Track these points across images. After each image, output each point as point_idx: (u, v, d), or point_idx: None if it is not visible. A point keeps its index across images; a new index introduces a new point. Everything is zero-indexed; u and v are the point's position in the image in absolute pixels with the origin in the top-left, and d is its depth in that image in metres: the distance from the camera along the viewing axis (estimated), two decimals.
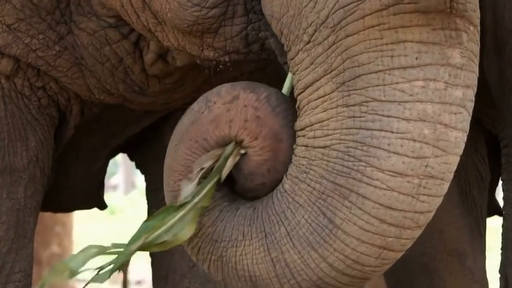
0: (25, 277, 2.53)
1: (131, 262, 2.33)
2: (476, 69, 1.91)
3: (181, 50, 2.26)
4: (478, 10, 1.93)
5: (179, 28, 2.17)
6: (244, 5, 2.11)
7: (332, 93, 1.89)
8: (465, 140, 1.91)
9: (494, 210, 3.38)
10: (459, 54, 1.87)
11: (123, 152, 2.99)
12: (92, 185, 2.89)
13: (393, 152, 1.85)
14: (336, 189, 1.88)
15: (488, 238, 3.18)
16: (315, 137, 1.92)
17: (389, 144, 1.85)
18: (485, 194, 3.10)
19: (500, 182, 2.73)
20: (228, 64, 2.22)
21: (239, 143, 1.97)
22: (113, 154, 2.94)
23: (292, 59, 1.96)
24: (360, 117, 1.87)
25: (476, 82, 1.92)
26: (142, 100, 2.57)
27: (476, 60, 1.91)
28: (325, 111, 1.90)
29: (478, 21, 1.93)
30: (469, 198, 3.04)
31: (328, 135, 1.90)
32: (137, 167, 2.98)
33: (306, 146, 1.93)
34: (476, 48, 1.91)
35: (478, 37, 1.93)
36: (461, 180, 3.03)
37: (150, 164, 2.88)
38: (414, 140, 1.85)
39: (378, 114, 1.86)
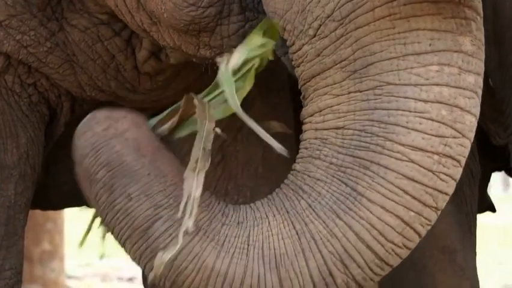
0: (15, 274, 2.53)
1: (123, 259, 2.33)
2: (483, 58, 1.94)
3: (177, 50, 2.26)
4: (481, 2, 1.96)
5: (175, 28, 2.17)
6: (240, 3, 2.11)
7: (342, 81, 1.91)
8: (475, 127, 1.94)
9: (486, 206, 3.39)
10: (469, 42, 1.91)
11: None
12: None
13: (412, 129, 1.87)
14: (355, 161, 1.88)
15: (479, 235, 3.19)
16: (324, 121, 1.92)
17: (407, 122, 1.87)
18: (475, 190, 3.11)
19: (491, 178, 2.74)
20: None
21: None
22: None
23: (295, 52, 1.96)
24: (375, 99, 1.88)
25: (483, 71, 1.95)
26: (133, 97, 2.57)
27: (483, 50, 1.94)
28: (335, 97, 1.91)
29: (482, 12, 1.96)
30: (460, 195, 3.05)
31: (340, 117, 1.91)
32: None
33: (316, 129, 1.94)
34: (482, 37, 1.94)
35: (483, 28, 1.96)
36: None
37: None
38: (433, 120, 1.87)
39: (394, 95, 1.88)
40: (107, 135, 1.95)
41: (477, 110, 1.93)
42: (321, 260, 1.88)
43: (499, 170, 3.50)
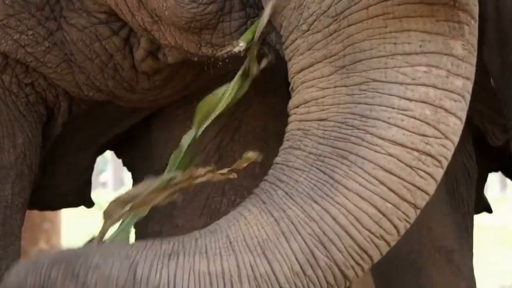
0: None
1: None
2: (475, 62, 1.94)
3: (178, 48, 2.26)
4: (477, 5, 1.95)
5: (177, 26, 2.17)
6: (241, 1, 2.11)
7: (330, 75, 1.92)
8: (461, 131, 1.94)
9: (483, 207, 3.39)
10: (461, 46, 1.91)
11: (111, 149, 2.99)
12: (79, 182, 2.89)
13: (394, 125, 1.88)
14: (334, 151, 1.90)
15: (476, 235, 3.19)
16: (309, 112, 1.94)
17: (389, 118, 1.88)
18: (472, 191, 3.12)
19: (489, 179, 2.74)
20: (227, 60, 2.23)
21: None
22: (101, 151, 2.94)
23: (288, 47, 1.98)
24: (359, 94, 1.90)
25: (473, 77, 1.95)
26: (131, 97, 2.57)
27: (475, 54, 1.94)
28: (321, 90, 1.93)
29: (477, 16, 1.96)
30: (457, 195, 3.06)
31: (324, 109, 1.93)
32: (125, 164, 2.98)
33: (300, 120, 1.95)
34: (475, 42, 1.94)
35: (477, 32, 1.96)
36: (448, 178, 3.04)
37: (137, 161, 2.88)
38: (415, 118, 1.88)
39: (378, 92, 1.89)
40: None
41: (463, 114, 1.93)
42: (302, 241, 1.90)
43: (496, 170, 3.51)
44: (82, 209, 3.09)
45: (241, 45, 2.07)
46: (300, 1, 1.95)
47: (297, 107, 1.96)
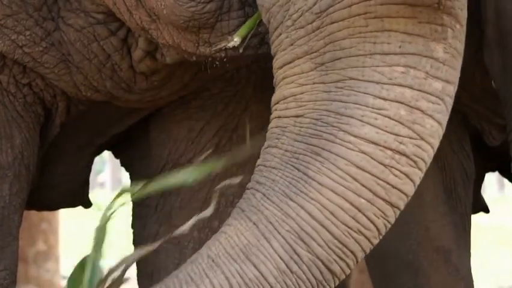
0: (10, 275, 2.53)
1: (118, 259, 2.34)
2: (458, 67, 1.94)
3: (176, 47, 2.26)
4: (466, 10, 1.95)
5: (175, 24, 2.16)
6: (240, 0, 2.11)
7: (309, 71, 1.93)
8: (440, 135, 1.94)
9: (480, 207, 3.39)
10: (442, 49, 1.90)
11: (109, 149, 2.99)
12: (77, 183, 2.89)
13: (367, 123, 1.89)
14: (308, 148, 1.92)
15: (474, 235, 3.19)
16: (287, 108, 1.96)
17: (362, 116, 1.89)
18: (470, 191, 3.12)
19: (486, 179, 2.74)
20: (225, 60, 2.23)
21: None
22: (99, 151, 2.94)
23: (273, 42, 1.99)
24: (335, 91, 1.91)
25: (457, 80, 1.94)
26: (129, 97, 2.57)
27: (459, 59, 1.94)
28: (300, 86, 1.94)
29: (464, 21, 1.95)
30: (454, 196, 3.06)
31: (301, 106, 1.94)
32: (122, 164, 2.98)
33: (279, 117, 1.97)
34: (460, 46, 1.94)
35: (463, 36, 1.95)
36: (446, 178, 3.04)
37: (135, 161, 2.88)
38: (390, 118, 1.89)
39: (354, 90, 1.90)
40: None
41: (442, 117, 1.92)
42: (282, 239, 1.91)
43: (493, 170, 3.51)
44: (80, 209, 3.08)
45: (235, 40, 2.08)
46: None
47: (277, 103, 1.98)
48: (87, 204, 2.96)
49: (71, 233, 9.92)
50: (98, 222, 2.08)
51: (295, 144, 1.93)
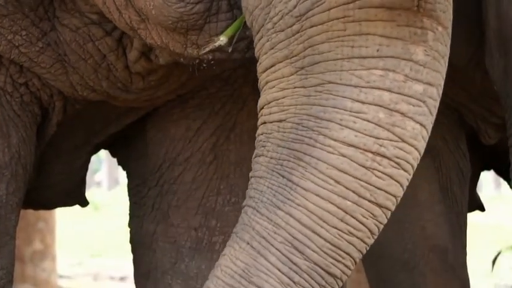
0: (6, 274, 2.53)
1: (115, 258, 2.34)
2: (442, 69, 1.93)
3: (164, 48, 2.26)
4: (450, 12, 1.94)
5: (163, 25, 2.17)
6: (228, 0, 2.12)
7: (290, 76, 1.95)
8: (425, 137, 1.94)
9: (476, 205, 3.40)
10: (422, 52, 1.90)
11: (106, 148, 2.99)
12: (73, 182, 2.89)
13: (346, 126, 1.90)
14: (291, 154, 1.94)
15: (470, 234, 3.20)
16: (270, 113, 1.98)
17: (341, 120, 1.90)
18: (466, 190, 3.13)
19: (483, 178, 2.75)
20: (212, 62, 2.23)
21: None
22: (96, 150, 2.94)
23: (256, 45, 2.00)
24: (315, 95, 1.92)
25: (441, 83, 1.93)
26: (126, 97, 2.57)
27: (443, 61, 1.93)
28: (281, 90, 1.96)
29: (448, 23, 1.94)
30: (450, 195, 3.06)
31: (283, 110, 1.96)
32: (119, 163, 2.98)
33: (264, 122, 2.00)
34: (443, 48, 1.93)
35: (446, 38, 1.94)
36: (442, 177, 3.05)
37: (132, 160, 2.88)
38: (368, 121, 1.90)
39: (332, 94, 1.91)
40: None
41: (424, 119, 1.91)
42: (277, 252, 1.93)
43: (488, 169, 3.52)
44: (76, 208, 3.09)
45: (222, 39, 2.08)
46: (269, 1, 1.96)
47: (262, 107, 2.00)
48: (84, 203, 2.96)
49: (67, 232, 9.92)
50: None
51: (278, 150, 1.95)
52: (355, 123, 1.89)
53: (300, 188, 1.92)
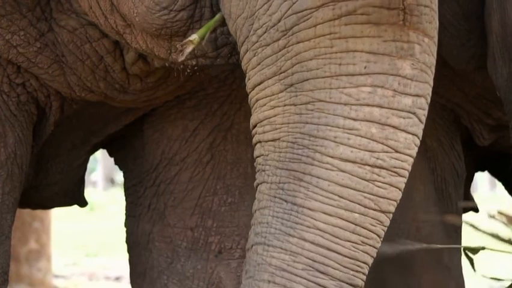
0: (2, 274, 2.53)
1: (110, 258, 2.34)
2: (429, 79, 1.94)
3: (150, 53, 2.28)
4: (436, 21, 1.95)
5: (147, 32, 2.19)
6: (211, 7, 2.13)
7: (279, 93, 1.95)
8: (417, 143, 1.96)
9: (470, 206, 3.40)
10: (410, 66, 1.91)
11: (103, 147, 2.99)
12: (72, 181, 2.89)
13: (340, 143, 1.92)
14: (290, 175, 1.94)
15: (464, 235, 3.20)
16: (264, 132, 1.98)
17: (335, 137, 1.92)
18: (461, 191, 3.13)
19: (478, 178, 2.76)
20: (195, 68, 2.24)
21: None
22: (94, 150, 2.94)
23: (242, 58, 2.00)
24: (306, 114, 1.93)
25: (429, 92, 1.95)
26: (124, 98, 2.57)
27: (430, 71, 1.94)
28: (272, 108, 1.96)
29: (434, 32, 1.95)
30: (445, 196, 3.07)
31: (276, 129, 1.96)
32: (116, 162, 2.98)
33: (259, 141, 2.00)
34: (429, 59, 1.94)
35: (433, 48, 1.95)
36: (437, 178, 3.06)
37: (129, 160, 2.88)
38: (362, 136, 1.92)
39: (324, 112, 1.92)
40: None
41: (416, 129, 1.94)
42: (302, 280, 1.94)
43: (482, 170, 3.53)
44: (72, 208, 3.08)
45: (194, 37, 2.07)
46: (252, 11, 1.97)
47: (255, 126, 2.00)
48: (83, 203, 2.96)
49: (63, 232, 9.91)
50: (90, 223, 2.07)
51: (277, 172, 1.95)
52: (349, 139, 1.91)
53: (306, 209, 1.92)
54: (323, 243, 1.92)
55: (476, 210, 3.42)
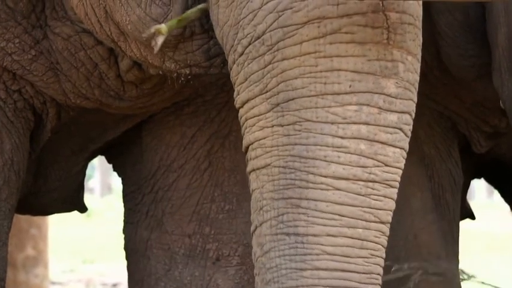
0: None
1: (107, 265, 2.34)
2: (414, 96, 1.95)
3: (144, 61, 2.28)
4: (419, 38, 1.96)
5: (139, 40, 2.19)
6: (201, 26, 2.13)
7: (267, 113, 1.94)
8: (405, 156, 1.96)
9: (466, 213, 3.41)
10: (394, 85, 1.92)
11: (101, 154, 2.99)
12: (71, 188, 2.89)
13: (331, 161, 1.91)
14: (287, 204, 1.92)
15: (463, 241, 3.21)
16: (256, 157, 1.97)
17: (325, 156, 1.91)
18: (458, 197, 3.14)
19: (475, 185, 2.76)
20: (189, 77, 2.24)
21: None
22: (93, 156, 2.94)
23: (230, 68, 2.00)
24: (294, 134, 1.92)
25: (413, 108, 1.96)
26: (120, 104, 2.57)
27: (414, 88, 1.95)
28: (261, 129, 1.95)
29: (417, 50, 1.96)
30: (442, 202, 3.07)
31: (267, 152, 1.95)
32: (115, 169, 2.98)
33: (253, 169, 1.98)
34: (413, 77, 1.95)
35: (416, 65, 1.96)
36: (434, 185, 3.06)
37: (128, 166, 2.88)
38: (351, 153, 1.91)
39: (311, 132, 1.91)
40: None
41: (403, 143, 1.95)
42: None
43: (479, 177, 3.53)
44: (69, 214, 3.08)
45: (162, 26, 2.06)
46: (237, 19, 1.96)
47: (247, 149, 1.99)
48: (82, 209, 2.96)
49: (60, 238, 9.90)
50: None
51: (275, 204, 1.93)
52: (339, 157, 1.90)
53: (311, 236, 1.91)
54: (337, 267, 1.91)
55: (472, 217, 3.42)
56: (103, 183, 23.65)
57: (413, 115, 1.96)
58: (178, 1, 2.09)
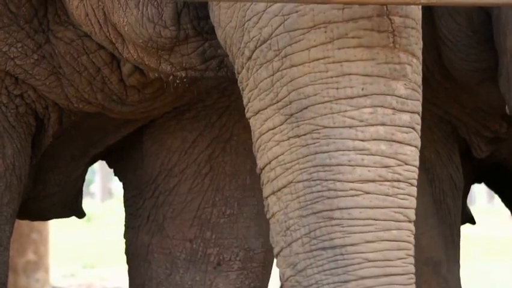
0: (0, 285, 2.53)
1: (108, 269, 2.34)
2: (420, 97, 1.97)
3: (141, 63, 2.28)
4: (420, 41, 1.98)
5: (135, 42, 2.20)
6: (194, 29, 2.14)
7: (281, 125, 1.93)
8: (418, 156, 1.98)
9: (467, 218, 3.41)
10: (403, 86, 1.94)
11: (102, 159, 2.99)
12: (70, 193, 2.89)
13: (356, 165, 1.90)
14: (318, 218, 1.90)
15: (464, 246, 3.21)
16: (276, 177, 1.94)
17: (349, 160, 1.90)
18: (459, 202, 3.14)
19: (476, 190, 2.77)
20: (185, 80, 2.25)
21: None
22: (93, 161, 2.95)
23: (238, 73, 1.99)
24: (313, 143, 1.91)
25: (421, 108, 1.98)
26: (122, 109, 2.58)
27: (420, 89, 1.97)
28: (277, 144, 1.94)
29: (419, 53, 1.98)
30: (443, 207, 3.08)
31: (287, 169, 1.93)
32: (116, 174, 2.99)
33: (273, 192, 1.95)
34: (419, 78, 1.97)
35: (420, 68, 1.98)
36: (435, 189, 3.06)
37: (129, 171, 2.88)
38: (374, 155, 1.91)
39: (331, 138, 1.90)
40: None
41: (417, 142, 1.97)
42: None
43: (479, 182, 3.54)
44: (70, 219, 3.08)
45: None
46: (242, 21, 1.95)
47: (264, 169, 1.96)
48: (80, 214, 2.96)
49: (61, 243, 9.90)
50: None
51: (303, 222, 1.90)
52: (363, 160, 1.90)
53: (349, 246, 1.89)
54: (380, 272, 1.90)
55: (472, 221, 3.42)
56: (103, 188, 23.66)
57: (420, 116, 1.99)
58: (169, 4, 2.10)
